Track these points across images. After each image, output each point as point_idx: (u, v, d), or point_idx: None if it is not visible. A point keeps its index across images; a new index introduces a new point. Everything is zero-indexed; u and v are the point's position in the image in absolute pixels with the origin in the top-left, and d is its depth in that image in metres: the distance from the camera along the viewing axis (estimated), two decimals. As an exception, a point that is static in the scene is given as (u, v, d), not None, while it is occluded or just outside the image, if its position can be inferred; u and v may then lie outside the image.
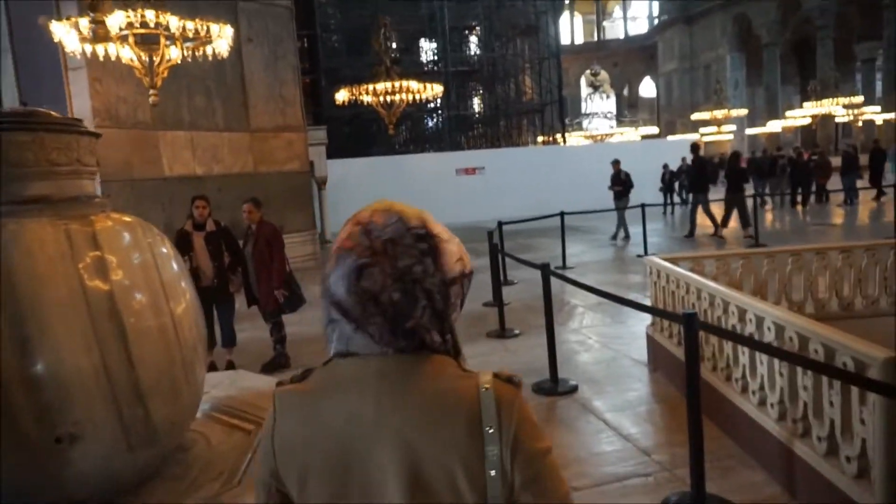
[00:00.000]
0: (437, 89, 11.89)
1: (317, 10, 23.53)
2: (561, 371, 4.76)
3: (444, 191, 19.00)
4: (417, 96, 11.52)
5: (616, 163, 12.50)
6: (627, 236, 11.65)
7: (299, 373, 0.89)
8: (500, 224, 8.01)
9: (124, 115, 8.59)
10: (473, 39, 29.80)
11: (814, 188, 16.44)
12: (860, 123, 33.08)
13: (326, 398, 0.81)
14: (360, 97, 11.47)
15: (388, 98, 11.22)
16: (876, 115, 30.86)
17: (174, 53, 5.99)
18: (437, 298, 0.83)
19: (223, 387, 3.36)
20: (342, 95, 11.80)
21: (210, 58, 6.56)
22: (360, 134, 26.37)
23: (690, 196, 12.44)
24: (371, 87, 11.09)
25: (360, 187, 17.86)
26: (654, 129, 33.30)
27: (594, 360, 5.39)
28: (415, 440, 0.76)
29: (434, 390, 0.79)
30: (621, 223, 11.69)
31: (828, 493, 2.71)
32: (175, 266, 2.56)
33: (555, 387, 4.65)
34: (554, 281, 4.79)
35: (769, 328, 3.22)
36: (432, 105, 29.98)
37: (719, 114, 27.46)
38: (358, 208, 0.91)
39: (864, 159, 17.84)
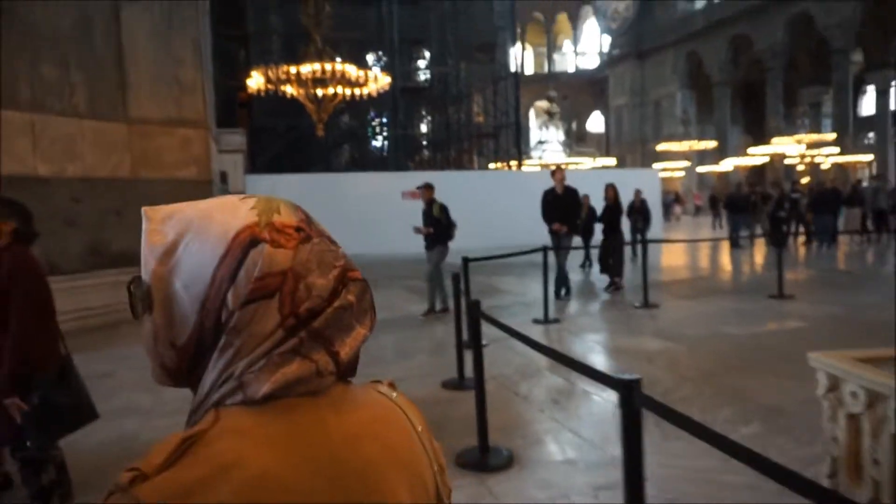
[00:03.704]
0: (381, 80, 9.48)
1: (249, 7, 20.96)
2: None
3: (387, 216, 16.52)
4: (356, 92, 9.06)
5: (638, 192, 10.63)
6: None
7: None
8: (466, 262, 5.63)
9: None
10: (425, 55, 27.78)
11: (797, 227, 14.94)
12: (801, 167, 32.75)
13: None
14: (282, 86, 8.90)
15: (319, 91, 8.70)
16: (829, 156, 30.47)
17: None
18: None
19: None
20: (256, 80, 9.18)
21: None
22: (296, 149, 23.61)
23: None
24: (294, 69, 8.50)
25: (288, 208, 15.21)
26: (611, 161, 31.97)
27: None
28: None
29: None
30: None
31: None
32: None
33: None
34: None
35: None
36: (376, 123, 27.66)
37: (685, 145, 26.19)
38: None
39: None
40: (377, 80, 9.41)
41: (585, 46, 55.52)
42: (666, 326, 6.25)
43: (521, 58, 53.18)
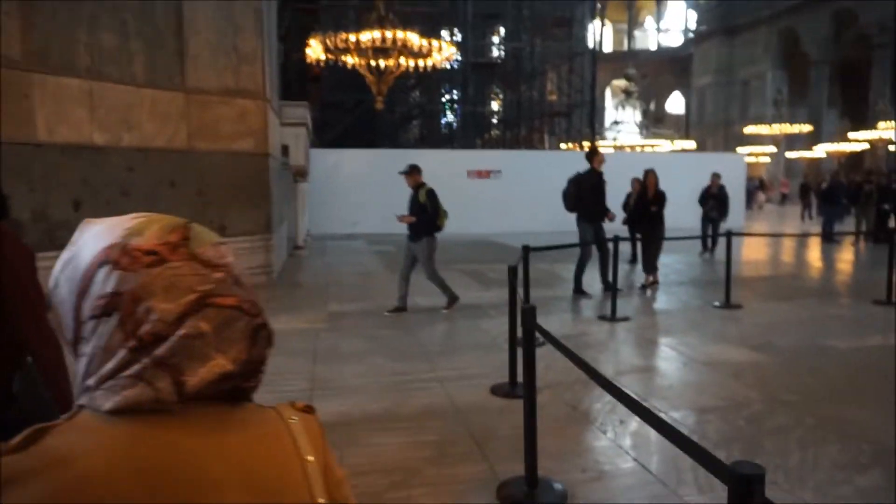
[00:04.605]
0: (446, 50, 8.90)
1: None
2: None
3: (453, 196, 15.99)
4: (420, 63, 8.52)
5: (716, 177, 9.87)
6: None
7: None
8: (527, 250, 5.07)
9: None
10: (499, 31, 26.87)
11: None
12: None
13: None
14: (342, 56, 8.47)
15: (380, 61, 8.21)
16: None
17: None
18: None
19: None
20: (315, 49, 8.79)
21: None
22: (365, 125, 23.40)
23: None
24: (354, 37, 8.03)
25: (353, 183, 14.99)
26: (691, 144, 30.20)
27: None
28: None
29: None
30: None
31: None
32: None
33: None
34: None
35: None
36: (446, 100, 27.10)
37: (776, 128, 24.32)
38: (347, 206, 0.23)
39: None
40: (441, 51, 8.84)
41: (669, 23, 52.79)
42: (752, 333, 5.51)
43: (600, 34, 51.12)
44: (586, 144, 24.55)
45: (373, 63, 8.50)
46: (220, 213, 7.81)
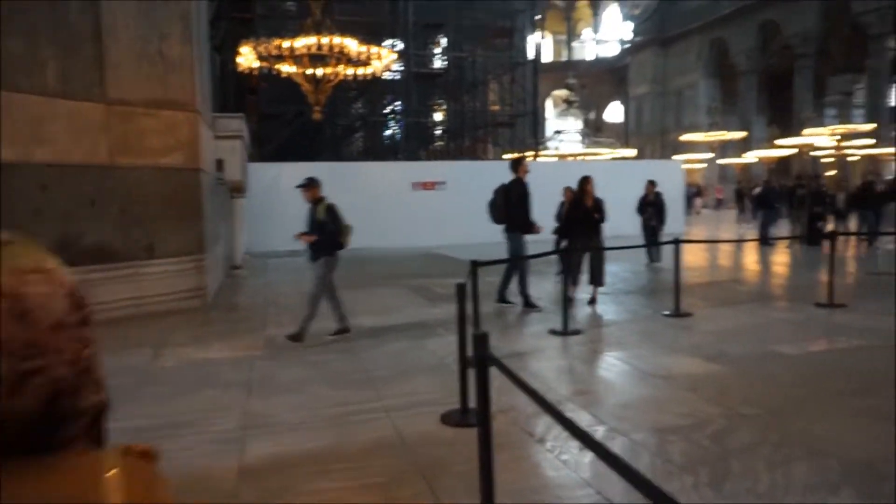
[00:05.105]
0: (387, 57, 8.60)
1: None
2: None
3: (397, 208, 15.76)
4: (360, 72, 8.21)
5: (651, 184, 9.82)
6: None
7: None
8: (475, 266, 4.83)
9: None
10: (441, 41, 26.82)
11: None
12: (829, 160, 31.37)
13: None
14: (276, 64, 8.07)
15: (317, 69, 7.85)
16: (862, 148, 29.14)
17: None
18: None
19: None
20: (247, 58, 8.34)
21: None
22: (306, 137, 22.87)
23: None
24: (289, 44, 7.64)
25: (294, 198, 14.44)
26: (632, 152, 30.89)
27: None
28: None
29: None
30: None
31: None
32: None
33: None
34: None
35: None
36: (389, 111, 26.84)
37: (710, 136, 25.09)
38: (289, 222, 0.27)
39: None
40: (381, 58, 8.55)
41: (606, 34, 54.14)
42: (704, 342, 5.42)
43: (539, 44, 51.98)
44: (529, 154, 24.70)
45: (309, 71, 8.12)
46: (147, 234, 7.29)
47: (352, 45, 8.01)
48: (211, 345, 5.64)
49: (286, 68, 8.36)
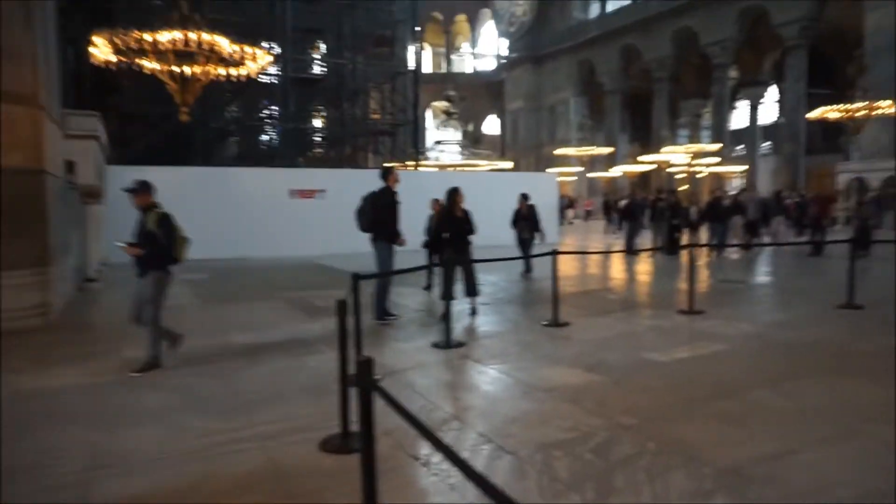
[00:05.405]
0: (262, 59, 8.12)
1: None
2: None
3: (275, 216, 15.11)
4: (233, 73, 7.71)
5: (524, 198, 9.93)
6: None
7: None
8: (357, 279, 4.63)
9: None
10: (320, 47, 26.23)
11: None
12: (682, 175, 34.36)
13: None
14: (137, 59, 7.37)
15: (184, 67, 7.25)
16: (710, 166, 32.10)
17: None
18: None
19: None
20: (102, 50, 7.54)
21: None
22: (176, 140, 21.35)
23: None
24: (150, 37, 6.98)
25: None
26: (509, 164, 31.92)
27: None
28: None
29: None
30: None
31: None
32: None
33: None
34: None
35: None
36: (267, 115, 25.83)
37: (582, 151, 26.51)
38: None
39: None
40: (256, 59, 8.09)
41: (483, 49, 55.80)
42: (584, 351, 5.57)
43: (420, 55, 52.60)
44: (410, 164, 24.73)
45: (176, 69, 7.49)
46: (-22, 244, 6.35)
47: (223, 42, 7.49)
48: (53, 370, 4.98)
49: (149, 64, 7.67)
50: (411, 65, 26.96)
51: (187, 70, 7.50)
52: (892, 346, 5.38)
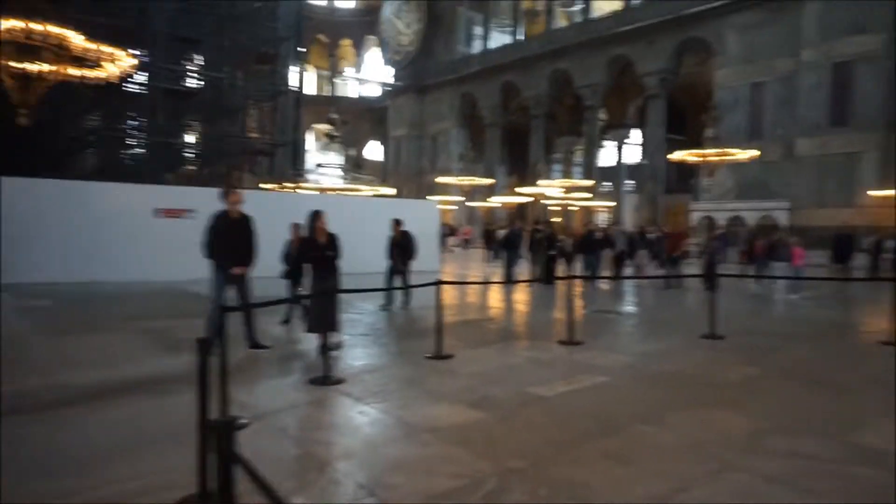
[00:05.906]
0: (123, 61, 7.34)
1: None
2: None
3: (137, 237, 13.86)
4: (88, 75, 6.89)
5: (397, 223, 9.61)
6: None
7: None
8: (224, 310, 4.18)
9: None
10: (195, 58, 24.83)
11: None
12: (558, 207, 36.21)
13: None
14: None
15: (26, 64, 6.35)
16: (582, 200, 33.92)
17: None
18: None
19: None
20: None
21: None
22: (20, 148, 19.12)
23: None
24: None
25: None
26: (391, 190, 31.85)
27: None
28: None
29: None
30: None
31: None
32: None
33: None
34: None
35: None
36: (133, 126, 23.97)
37: (463, 180, 27.01)
38: None
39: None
40: (115, 61, 7.30)
41: (367, 75, 55.90)
42: (468, 386, 5.42)
43: (303, 75, 51.56)
44: (289, 185, 23.91)
45: (15, 65, 6.56)
46: None
47: (75, 38, 6.67)
48: None
49: (-20, 58, 6.67)
50: (294, 85, 26.28)
51: (33, 67, 6.60)
52: (752, 376, 5.73)
